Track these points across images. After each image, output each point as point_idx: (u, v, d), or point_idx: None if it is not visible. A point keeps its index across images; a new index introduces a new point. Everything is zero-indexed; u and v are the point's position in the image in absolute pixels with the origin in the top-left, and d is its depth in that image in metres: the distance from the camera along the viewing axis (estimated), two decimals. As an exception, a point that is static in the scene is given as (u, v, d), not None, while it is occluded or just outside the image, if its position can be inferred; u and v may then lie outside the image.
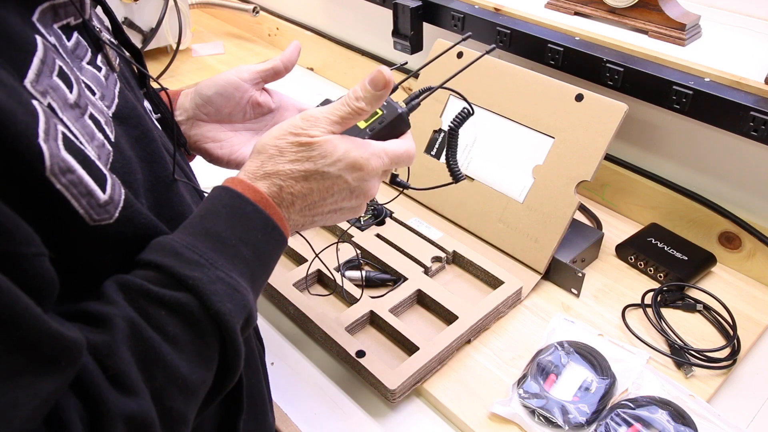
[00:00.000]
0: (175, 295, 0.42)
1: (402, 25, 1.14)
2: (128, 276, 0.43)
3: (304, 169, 0.51)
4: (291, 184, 0.51)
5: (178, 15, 1.44)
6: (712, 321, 0.82)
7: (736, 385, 0.76)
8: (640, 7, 0.94)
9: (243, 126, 0.72)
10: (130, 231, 0.43)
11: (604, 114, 0.85)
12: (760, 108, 0.77)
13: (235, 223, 0.47)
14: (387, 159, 0.55)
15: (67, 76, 0.42)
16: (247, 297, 0.46)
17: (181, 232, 0.47)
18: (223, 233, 0.46)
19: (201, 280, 0.43)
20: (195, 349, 0.43)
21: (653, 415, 0.68)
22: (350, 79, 1.42)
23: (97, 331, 0.40)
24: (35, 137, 0.36)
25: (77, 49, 0.46)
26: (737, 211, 0.89)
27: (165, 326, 0.42)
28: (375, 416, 0.72)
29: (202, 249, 0.45)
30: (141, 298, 0.42)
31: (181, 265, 0.43)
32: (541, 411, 0.69)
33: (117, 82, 0.50)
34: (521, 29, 0.99)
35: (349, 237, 0.92)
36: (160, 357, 0.41)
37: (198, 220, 0.48)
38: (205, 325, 0.43)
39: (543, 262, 0.87)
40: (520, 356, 0.78)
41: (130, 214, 0.42)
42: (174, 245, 0.44)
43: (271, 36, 1.62)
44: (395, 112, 0.58)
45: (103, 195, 0.40)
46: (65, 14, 0.45)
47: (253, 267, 0.48)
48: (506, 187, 0.92)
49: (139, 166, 0.47)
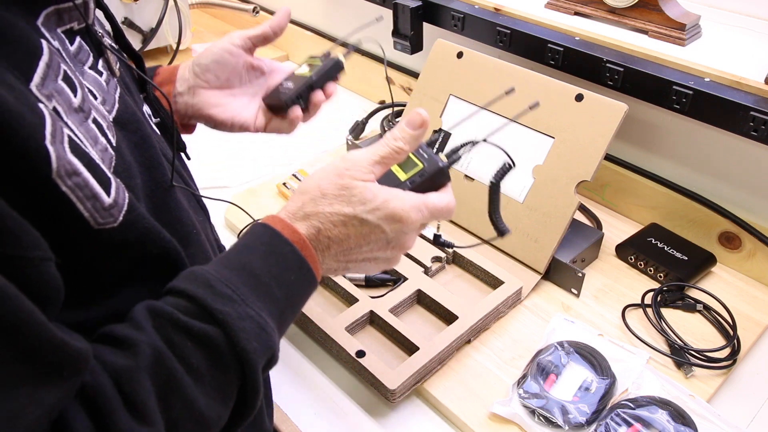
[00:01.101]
0: (203, 327, 0.43)
1: (402, 25, 1.14)
2: (159, 302, 0.44)
3: (343, 213, 0.51)
4: (329, 227, 0.51)
5: (178, 15, 1.44)
6: (712, 321, 0.82)
7: (736, 385, 0.76)
8: (640, 7, 0.94)
9: (240, 90, 0.76)
10: (133, 235, 0.43)
11: (604, 114, 0.85)
12: (760, 108, 0.77)
13: (271, 261, 0.48)
14: (427, 212, 0.55)
15: (72, 81, 0.42)
16: (273, 337, 0.46)
17: (216, 264, 0.47)
18: (258, 270, 0.47)
19: (231, 315, 0.43)
20: (215, 385, 0.43)
21: (653, 415, 0.68)
22: (350, 79, 1.42)
23: (121, 355, 0.40)
24: (42, 139, 0.36)
25: (80, 53, 0.46)
26: (737, 211, 0.89)
27: (189, 358, 0.42)
28: (375, 416, 0.72)
29: (236, 284, 0.45)
30: (169, 326, 0.42)
31: (213, 297, 0.43)
32: (541, 411, 0.69)
33: (117, 87, 0.50)
34: (521, 29, 0.99)
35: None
36: (180, 389, 0.41)
37: (234, 253, 0.48)
38: (228, 361, 0.43)
39: (543, 262, 0.87)
40: (520, 356, 0.78)
41: (133, 217, 0.42)
42: (208, 277, 0.45)
43: (271, 36, 1.62)
44: (436, 166, 0.59)
45: (107, 198, 0.40)
46: (69, 19, 0.45)
47: (283, 307, 0.48)
48: (506, 187, 0.92)
49: (138, 171, 0.47)
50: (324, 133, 1.25)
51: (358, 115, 1.23)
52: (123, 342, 0.41)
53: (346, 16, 1.42)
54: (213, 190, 1.08)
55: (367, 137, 1.19)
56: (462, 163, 0.97)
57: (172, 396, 0.41)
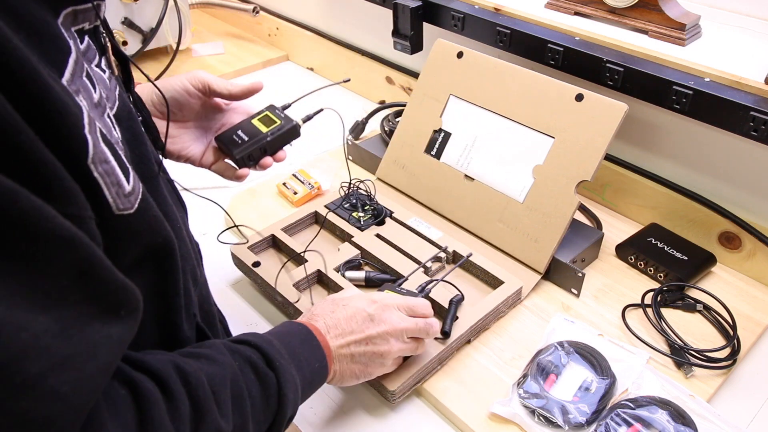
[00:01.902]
0: (265, 368, 0.54)
1: (402, 25, 1.14)
2: (232, 343, 0.55)
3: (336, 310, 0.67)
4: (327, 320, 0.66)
5: (178, 15, 1.44)
6: (712, 321, 0.82)
7: (736, 385, 0.76)
8: (640, 7, 0.94)
9: (193, 124, 0.80)
10: (146, 222, 0.46)
11: (604, 114, 0.85)
12: (760, 108, 0.77)
13: (307, 348, 0.61)
14: (403, 302, 0.70)
15: (92, 78, 0.45)
16: (298, 400, 0.58)
17: (267, 334, 0.60)
18: (299, 351, 0.59)
19: (283, 367, 0.55)
20: (260, 416, 0.53)
21: (653, 415, 0.68)
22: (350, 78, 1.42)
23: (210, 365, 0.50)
24: (82, 128, 0.39)
25: (88, 52, 0.48)
26: (737, 211, 0.89)
27: (251, 388, 0.53)
28: (375, 416, 0.72)
29: (284, 351, 0.57)
30: (242, 360, 0.54)
31: (272, 351, 0.56)
32: (541, 411, 0.69)
33: (117, 84, 0.53)
34: (521, 29, 0.99)
35: (349, 237, 0.92)
36: (243, 407, 0.51)
37: (280, 331, 0.62)
38: (272, 402, 0.54)
39: (543, 262, 0.87)
40: (520, 356, 0.78)
41: (145, 205, 0.45)
42: (267, 338, 0.58)
43: (271, 36, 1.62)
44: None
45: (128, 186, 0.43)
46: (83, 19, 0.47)
47: (305, 384, 0.59)
48: (506, 187, 0.92)
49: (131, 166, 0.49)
50: (324, 133, 1.24)
51: (358, 115, 1.23)
52: (209, 357, 0.51)
53: (346, 16, 1.42)
54: (214, 189, 1.08)
55: (367, 137, 1.19)
56: (462, 163, 0.97)
57: (237, 409, 0.50)
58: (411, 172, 1.03)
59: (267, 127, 0.80)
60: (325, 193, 1.06)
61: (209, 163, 0.81)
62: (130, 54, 1.41)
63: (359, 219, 0.96)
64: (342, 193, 1.01)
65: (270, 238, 0.93)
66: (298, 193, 1.05)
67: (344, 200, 1.00)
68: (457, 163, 0.97)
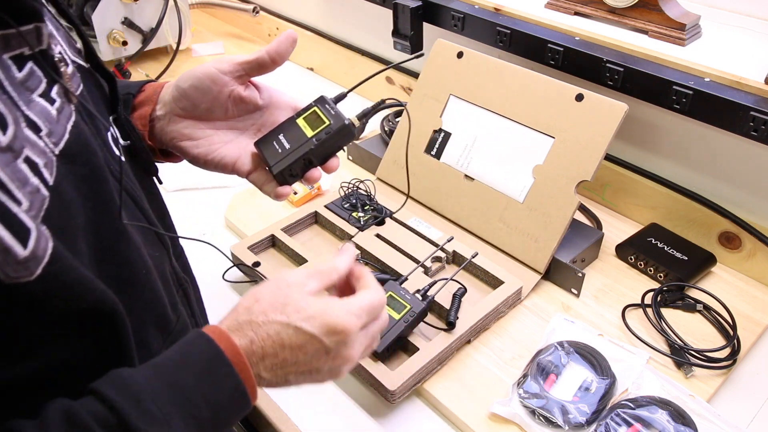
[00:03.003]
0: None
1: (402, 25, 1.14)
2: (77, 407, 0.41)
3: (277, 321, 0.49)
4: (263, 336, 0.48)
5: (178, 15, 1.44)
6: (712, 321, 0.82)
7: (736, 385, 0.76)
8: (640, 7, 0.94)
9: (225, 124, 0.65)
10: (55, 288, 0.40)
11: (604, 114, 0.85)
12: (760, 108, 0.77)
13: (207, 382, 0.45)
14: (364, 314, 0.52)
15: (3, 117, 0.39)
16: None
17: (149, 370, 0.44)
18: (191, 389, 0.44)
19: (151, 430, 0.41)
20: None
21: (653, 415, 0.68)
22: (350, 78, 1.42)
23: None
24: None
25: (29, 80, 0.42)
26: (737, 211, 0.89)
27: None
28: (375, 416, 0.72)
29: (163, 401, 0.42)
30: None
31: (136, 414, 0.41)
32: (541, 411, 0.69)
33: (72, 115, 0.45)
34: (521, 29, 0.99)
35: (349, 237, 0.92)
36: None
37: (171, 364, 0.46)
38: None
39: (543, 262, 0.87)
40: (520, 356, 0.78)
41: (56, 269, 0.39)
42: (137, 389, 0.42)
43: (271, 36, 1.62)
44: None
45: (23, 251, 0.37)
46: (19, 44, 0.41)
47: (208, 428, 0.45)
48: (506, 187, 0.92)
49: (82, 208, 0.44)
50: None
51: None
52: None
53: (346, 16, 1.42)
54: (214, 189, 1.08)
55: (367, 137, 1.19)
56: (462, 163, 0.97)
57: None
58: (411, 172, 1.03)
59: (313, 129, 0.62)
60: (325, 193, 1.06)
61: (246, 171, 0.64)
62: (130, 54, 1.41)
63: (359, 219, 0.96)
64: (342, 193, 1.01)
65: (270, 238, 0.93)
66: (298, 193, 1.05)
67: (344, 200, 1.00)
68: (457, 163, 0.97)
